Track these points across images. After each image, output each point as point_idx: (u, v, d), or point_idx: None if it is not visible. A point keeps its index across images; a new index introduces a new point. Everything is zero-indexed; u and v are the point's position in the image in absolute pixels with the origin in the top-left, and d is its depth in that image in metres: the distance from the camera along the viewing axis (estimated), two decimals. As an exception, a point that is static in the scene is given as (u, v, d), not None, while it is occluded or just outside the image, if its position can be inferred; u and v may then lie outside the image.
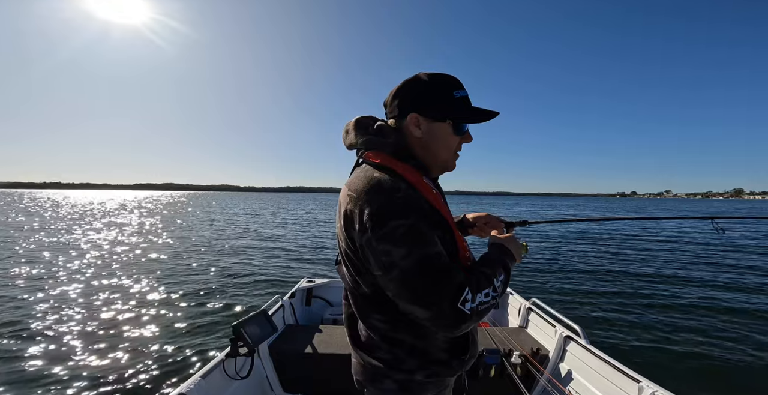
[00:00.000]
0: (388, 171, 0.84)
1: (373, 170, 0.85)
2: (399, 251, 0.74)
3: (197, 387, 1.77)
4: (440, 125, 0.90)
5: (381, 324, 0.89)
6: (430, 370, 0.90)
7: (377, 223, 0.75)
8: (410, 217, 0.76)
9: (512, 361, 2.38)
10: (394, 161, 0.87)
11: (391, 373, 0.90)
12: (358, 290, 0.89)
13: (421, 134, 0.91)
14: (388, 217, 0.75)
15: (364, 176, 0.83)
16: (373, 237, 0.76)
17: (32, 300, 5.47)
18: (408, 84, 0.91)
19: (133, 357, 3.67)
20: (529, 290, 6.38)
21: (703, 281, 7.24)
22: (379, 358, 0.91)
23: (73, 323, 4.58)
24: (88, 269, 7.65)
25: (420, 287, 0.74)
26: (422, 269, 0.74)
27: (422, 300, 0.74)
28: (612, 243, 12.83)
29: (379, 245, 0.76)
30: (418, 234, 0.75)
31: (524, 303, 3.06)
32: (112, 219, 21.66)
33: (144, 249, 10.45)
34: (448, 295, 0.73)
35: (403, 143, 0.91)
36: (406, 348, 0.89)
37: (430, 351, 0.89)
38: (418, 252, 0.74)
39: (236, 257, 9.67)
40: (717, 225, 1.65)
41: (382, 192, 0.78)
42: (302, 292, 3.42)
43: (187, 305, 5.40)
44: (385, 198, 0.77)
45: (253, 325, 2.16)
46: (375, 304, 0.88)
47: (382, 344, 0.90)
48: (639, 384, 1.85)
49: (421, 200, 0.82)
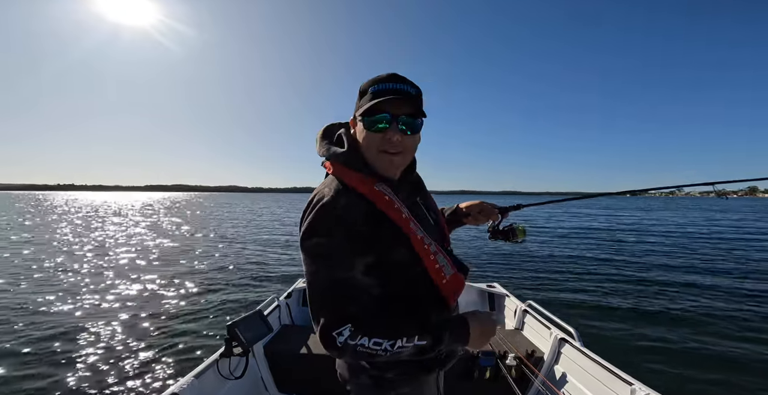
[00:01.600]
0: (337, 182, 0.86)
1: (326, 183, 0.88)
2: (312, 266, 0.80)
3: (190, 386, 1.76)
4: (358, 125, 0.89)
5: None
6: (399, 369, 0.90)
7: (305, 236, 0.81)
8: (334, 236, 0.78)
9: (507, 363, 2.38)
10: (345, 170, 0.88)
11: (365, 369, 0.93)
12: None
13: (360, 137, 0.90)
14: (314, 233, 0.79)
15: (317, 189, 0.88)
16: (301, 247, 0.82)
17: (24, 298, 5.56)
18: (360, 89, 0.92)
19: (126, 356, 3.68)
20: (525, 292, 6.38)
21: (698, 285, 7.16)
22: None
23: (67, 322, 4.61)
24: (90, 268, 7.80)
25: (314, 303, 0.80)
26: (322, 289, 0.79)
27: (314, 313, 0.80)
28: (607, 245, 12.71)
29: (303, 255, 0.82)
30: (333, 256, 0.78)
31: (520, 305, 3.04)
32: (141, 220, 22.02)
33: (145, 249, 10.58)
34: (328, 320, 0.77)
35: (354, 150, 0.90)
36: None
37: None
38: (324, 273, 0.78)
39: (237, 256, 9.77)
40: (718, 190, 1.51)
41: (319, 207, 0.81)
42: (299, 292, 3.43)
43: (182, 304, 5.44)
44: (319, 214, 0.80)
45: (248, 325, 2.15)
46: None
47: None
48: (631, 387, 1.85)
49: (366, 213, 0.82)
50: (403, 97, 0.85)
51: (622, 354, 3.89)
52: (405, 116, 0.85)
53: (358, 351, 0.77)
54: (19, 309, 5.11)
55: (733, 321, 5.09)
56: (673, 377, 3.52)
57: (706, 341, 4.40)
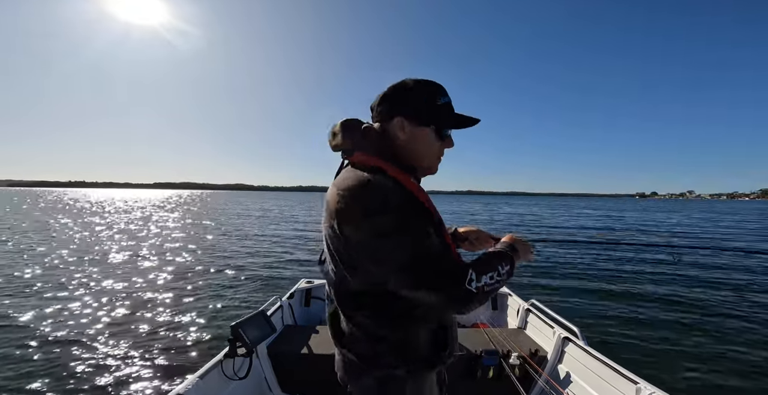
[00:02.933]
0: (377, 171, 0.88)
1: (363, 170, 0.88)
2: (394, 243, 0.78)
3: (195, 387, 1.78)
4: (423, 130, 0.94)
5: (366, 320, 0.91)
6: (410, 366, 0.92)
7: (373, 219, 0.79)
8: (400, 211, 0.80)
9: (510, 362, 2.37)
10: (381, 161, 0.90)
11: (370, 370, 0.93)
12: (347, 286, 0.91)
13: (405, 137, 0.94)
14: (381, 212, 0.79)
15: (354, 176, 0.86)
16: (369, 233, 0.79)
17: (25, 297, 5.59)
18: (395, 89, 0.95)
19: (130, 357, 3.69)
20: (528, 291, 6.34)
21: (703, 283, 7.09)
22: (359, 354, 0.93)
23: (69, 322, 4.63)
24: (95, 265, 7.84)
25: (423, 274, 0.78)
26: (421, 257, 0.78)
27: (430, 283, 0.78)
28: (610, 244, 12.60)
29: (375, 240, 0.79)
30: (409, 226, 0.79)
31: (523, 304, 3.03)
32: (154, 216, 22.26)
33: (147, 249, 10.63)
34: (452, 276, 0.79)
35: (389, 145, 0.95)
36: (389, 344, 0.90)
37: (412, 347, 0.92)
38: (413, 243, 0.78)
39: (237, 256, 9.81)
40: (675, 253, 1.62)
41: (374, 189, 0.82)
42: (301, 293, 3.45)
43: (186, 305, 5.46)
44: (377, 195, 0.81)
45: (252, 326, 2.17)
46: (362, 300, 0.89)
47: (365, 340, 0.92)
48: (636, 386, 1.84)
49: (410, 196, 0.85)
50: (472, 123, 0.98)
51: (626, 353, 3.87)
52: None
53: (486, 290, 0.82)
54: (19, 308, 5.15)
55: (740, 320, 5.04)
56: (678, 375, 3.49)
57: (712, 339, 4.36)
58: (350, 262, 0.87)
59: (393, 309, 0.88)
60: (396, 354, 0.91)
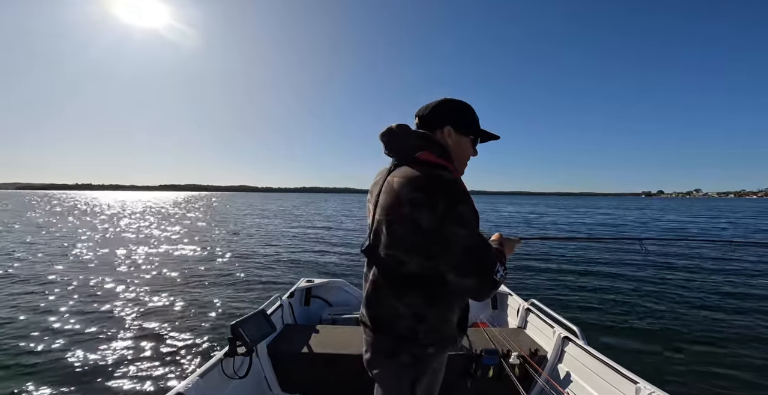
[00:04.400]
0: (445, 168, 1.05)
1: (431, 167, 1.03)
2: (464, 230, 0.93)
3: (195, 386, 1.78)
4: (465, 139, 1.15)
5: (416, 300, 1.04)
6: (440, 344, 1.08)
7: (450, 207, 0.93)
8: (470, 203, 0.96)
9: (510, 362, 2.37)
10: (446, 161, 1.08)
11: (408, 347, 1.05)
12: (404, 269, 1.03)
13: (451, 143, 1.13)
14: (458, 202, 0.94)
15: (422, 170, 1.01)
16: (446, 219, 0.93)
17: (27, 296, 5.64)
18: (445, 103, 1.14)
19: (131, 355, 3.71)
20: (528, 291, 6.33)
21: (704, 283, 7.03)
22: (399, 334, 1.06)
23: (70, 321, 4.66)
24: (97, 264, 7.88)
25: (476, 261, 0.93)
26: (479, 247, 0.94)
27: (476, 271, 0.93)
28: (610, 243, 12.51)
29: (451, 225, 0.93)
30: (475, 218, 0.96)
31: (523, 304, 3.03)
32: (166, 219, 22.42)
33: (148, 250, 10.71)
34: (491, 267, 0.95)
35: (447, 149, 1.12)
36: (430, 324, 1.04)
37: (446, 327, 1.08)
38: (476, 233, 0.95)
39: (238, 256, 9.83)
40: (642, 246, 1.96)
41: (449, 182, 0.97)
42: (301, 292, 3.45)
43: (186, 304, 5.48)
44: (453, 187, 0.96)
45: (252, 325, 2.17)
46: (416, 282, 1.02)
47: (409, 320, 1.04)
48: (636, 385, 1.83)
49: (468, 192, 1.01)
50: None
51: (626, 353, 3.86)
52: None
53: (501, 279, 0.98)
54: (20, 307, 5.18)
55: (742, 320, 4.99)
56: (678, 375, 3.47)
57: (713, 339, 4.33)
58: (413, 246, 0.99)
59: (439, 291, 1.02)
60: (433, 334, 1.05)
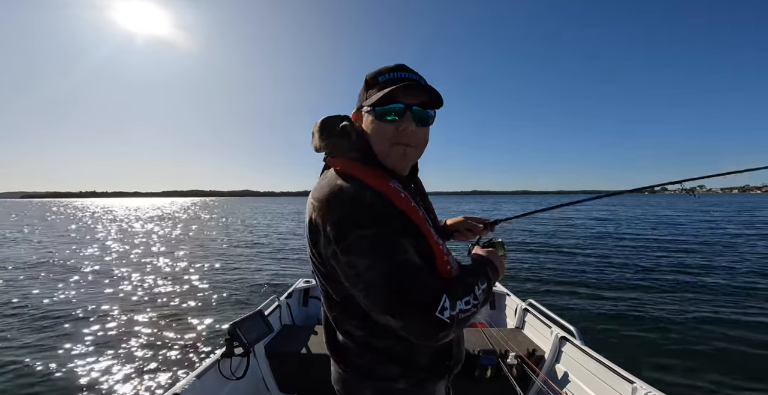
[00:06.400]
0: (348, 178, 0.80)
1: (336, 178, 0.81)
2: (364, 262, 0.70)
3: (192, 387, 1.78)
4: (366, 116, 0.86)
5: (357, 331, 0.84)
6: (412, 378, 0.85)
7: (341, 234, 0.72)
8: (375, 226, 0.72)
9: (508, 362, 2.36)
10: (356, 166, 0.82)
11: (368, 382, 0.86)
12: (332, 297, 0.85)
13: (363, 129, 0.87)
14: (352, 227, 0.71)
15: (327, 184, 0.80)
16: (338, 248, 0.72)
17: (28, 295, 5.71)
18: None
19: (128, 356, 3.72)
20: (526, 291, 6.32)
21: (700, 283, 7.01)
22: (356, 366, 0.87)
23: (70, 320, 4.69)
24: (96, 267, 7.94)
25: (391, 298, 0.69)
26: (391, 280, 0.69)
27: (395, 310, 0.69)
28: (608, 244, 12.52)
29: (344, 256, 0.72)
30: (384, 244, 0.71)
31: (521, 304, 3.02)
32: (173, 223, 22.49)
33: (150, 251, 10.75)
34: (422, 304, 0.68)
35: (365, 144, 0.85)
36: (386, 354, 0.84)
37: (412, 357, 0.85)
38: (385, 262, 0.69)
39: (238, 257, 9.87)
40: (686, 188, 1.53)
41: (345, 201, 0.74)
42: (299, 292, 3.46)
43: (183, 305, 5.49)
44: (348, 207, 0.73)
45: (249, 325, 2.17)
46: (350, 311, 0.83)
47: (360, 351, 0.85)
48: (633, 385, 1.83)
49: (388, 206, 0.77)
50: (414, 85, 0.82)
51: (623, 353, 3.85)
52: (416, 106, 0.82)
53: (461, 317, 0.72)
54: (21, 306, 5.21)
55: (737, 320, 4.98)
56: (674, 375, 3.48)
57: (709, 339, 4.33)
58: (325, 276, 0.83)
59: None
60: (393, 365, 0.84)
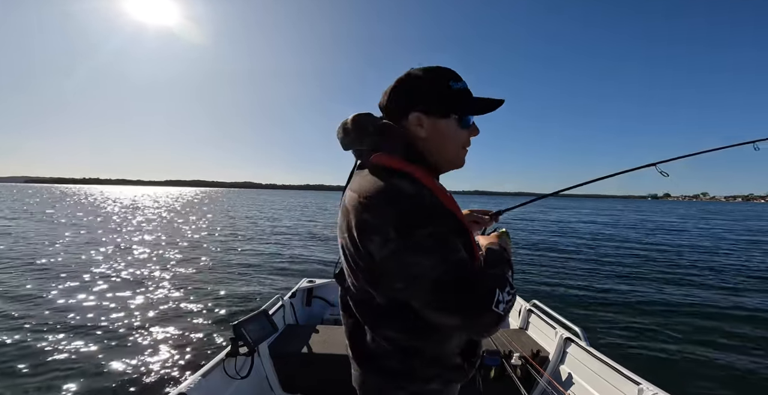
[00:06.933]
0: (405, 176, 0.78)
1: (387, 175, 0.78)
2: (429, 261, 0.69)
3: (197, 386, 1.79)
4: (445, 121, 0.85)
5: (396, 334, 0.83)
6: (445, 377, 0.87)
7: (403, 233, 0.70)
8: (436, 225, 0.71)
9: (512, 363, 2.36)
10: (407, 164, 0.81)
11: (404, 384, 0.86)
12: (371, 301, 0.83)
13: (426, 133, 0.85)
14: (414, 226, 0.70)
15: (377, 182, 0.77)
16: (400, 248, 0.70)
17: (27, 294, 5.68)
18: (403, 82, 0.86)
19: (133, 355, 3.71)
20: (530, 291, 6.30)
21: (706, 284, 6.99)
22: (391, 369, 0.86)
23: (73, 318, 4.67)
24: (100, 262, 7.91)
25: (456, 296, 0.70)
26: (455, 278, 0.70)
27: (459, 308, 0.70)
28: (612, 245, 12.48)
29: (407, 256, 0.70)
30: (445, 242, 0.71)
31: (524, 305, 3.02)
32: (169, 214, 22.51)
33: (150, 247, 10.68)
34: (484, 300, 0.70)
35: (414, 144, 0.85)
36: (424, 356, 0.84)
37: (446, 357, 0.86)
38: (448, 261, 0.70)
39: (238, 255, 9.87)
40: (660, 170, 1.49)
41: (405, 199, 0.73)
42: (303, 292, 3.46)
43: (187, 303, 5.48)
44: (409, 206, 0.72)
45: (254, 325, 2.19)
46: (390, 314, 0.82)
47: (397, 354, 0.84)
48: (639, 387, 1.82)
49: (441, 205, 0.77)
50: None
51: (628, 354, 3.85)
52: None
53: (508, 308, 0.74)
54: (22, 305, 5.19)
55: (745, 322, 4.96)
56: (680, 376, 3.46)
57: (715, 340, 4.30)
58: (372, 278, 0.79)
59: (422, 323, 0.79)
60: (432, 367, 0.85)
